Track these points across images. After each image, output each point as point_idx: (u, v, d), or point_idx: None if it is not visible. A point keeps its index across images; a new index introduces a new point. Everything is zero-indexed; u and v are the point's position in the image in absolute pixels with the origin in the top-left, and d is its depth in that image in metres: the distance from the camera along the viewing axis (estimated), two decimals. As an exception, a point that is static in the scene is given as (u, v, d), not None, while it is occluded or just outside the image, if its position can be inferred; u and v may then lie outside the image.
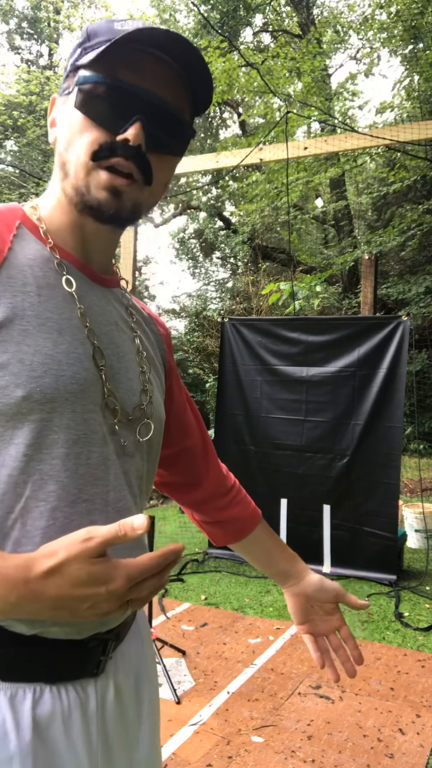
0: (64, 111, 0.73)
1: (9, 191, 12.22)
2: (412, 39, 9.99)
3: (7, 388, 0.65)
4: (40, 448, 0.67)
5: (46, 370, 0.67)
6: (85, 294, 0.75)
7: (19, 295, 0.68)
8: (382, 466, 4.20)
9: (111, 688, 0.77)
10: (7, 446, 0.66)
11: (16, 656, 0.68)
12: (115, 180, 0.69)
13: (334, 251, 12.96)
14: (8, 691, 0.67)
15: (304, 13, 12.35)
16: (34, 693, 0.68)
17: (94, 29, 0.71)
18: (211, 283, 15.61)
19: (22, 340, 0.67)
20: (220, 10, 11.53)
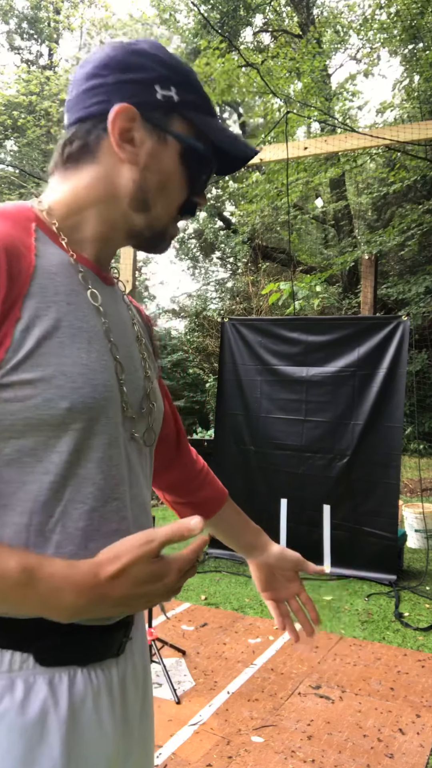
0: (158, 149, 0.76)
1: (9, 191, 12.22)
2: (411, 39, 9.99)
3: (52, 401, 0.67)
4: (79, 454, 0.71)
5: (85, 380, 0.70)
6: (104, 303, 0.78)
7: (53, 305, 0.69)
8: (382, 466, 4.20)
9: (129, 667, 0.82)
10: (50, 454, 0.69)
11: (55, 644, 0.72)
12: (177, 231, 0.81)
13: (334, 251, 12.96)
14: (47, 675, 0.71)
15: (304, 13, 12.35)
16: (69, 676, 0.73)
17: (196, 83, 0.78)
18: (210, 283, 15.61)
19: (61, 351, 0.68)
20: (220, 10, 11.53)
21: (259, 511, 4.51)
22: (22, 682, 0.70)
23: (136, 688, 0.84)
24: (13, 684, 0.69)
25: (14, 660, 0.70)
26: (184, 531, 0.66)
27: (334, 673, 2.90)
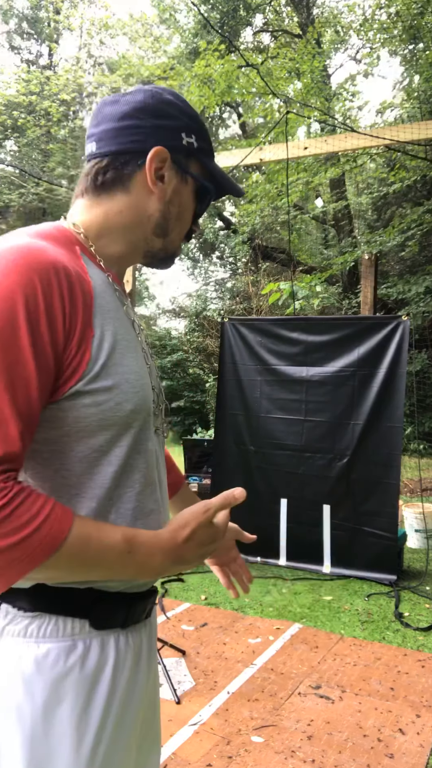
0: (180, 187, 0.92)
1: (9, 191, 12.21)
2: (411, 39, 9.99)
3: (120, 404, 0.81)
4: (136, 449, 0.86)
5: (140, 385, 0.85)
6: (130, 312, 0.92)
7: (110, 321, 0.82)
8: (382, 466, 4.20)
9: (150, 629, 0.97)
10: (113, 448, 0.83)
11: (106, 609, 0.86)
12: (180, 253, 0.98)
13: (334, 251, 12.95)
14: (99, 638, 0.85)
15: (304, 13, 12.35)
16: (115, 638, 0.87)
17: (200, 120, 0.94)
18: (210, 283, 15.61)
19: (122, 361, 0.82)
20: (220, 10, 11.52)
21: (259, 511, 4.51)
22: (82, 643, 0.83)
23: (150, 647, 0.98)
24: (75, 645, 0.83)
25: (75, 626, 0.83)
26: (231, 499, 0.82)
27: (334, 673, 2.90)
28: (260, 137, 9.38)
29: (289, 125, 5.65)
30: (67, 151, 13.56)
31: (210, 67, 9.56)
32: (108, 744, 0.84)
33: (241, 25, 12.30)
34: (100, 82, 14.51)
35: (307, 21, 12.12)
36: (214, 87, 9.73)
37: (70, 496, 0.81)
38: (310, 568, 4.40)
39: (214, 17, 11.40)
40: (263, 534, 4.56)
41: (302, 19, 12.37)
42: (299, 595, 3.97)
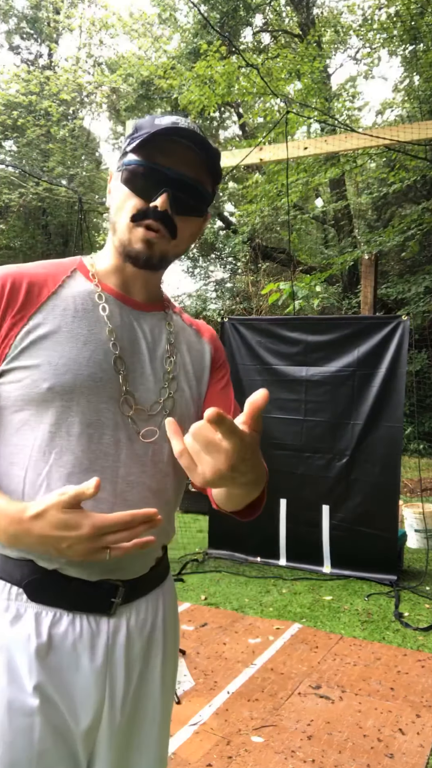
0: (116, 184, 0.97)
1: (9, 191, 12.21)
2: (412, 40, 9.98)
3: (37, 382, 0.89)
4: (60, 427, 0.91)
5: (67, 369, 0.90)
6: (119, 316, 0.98)
7: (58, 317, 0.93)
8: (382, 466, 4.20)
9: (123, 630, 0.97)
10: (38, 425, 0.91)
11: (42, 584, 0.91)
12: (148, 234, 0.93)
13: (334, 251, 12.95)
14: (35, 609, 0.91)
15: (304, 13, 12.34)
16: (54, 615, 0.91)
17: (141, 124, 0.95)
18: (210, 283, 15.60)
19: (53, 348, 0.91)
20: (220, 10, 11.52)
21: (259, 511, 4.51)
22: (15, 608, 0.91)
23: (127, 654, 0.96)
24: (8, 607, 0.91)
25: (12, 590, 0.92)
26: (85, 490, 0.80)
27: (334, 673, 2.90)
28: (260, 137, 9.37)
29: (289, 126, 5.66)
30: (67, 151, 13.55)
31: (211, 68, 9.56)
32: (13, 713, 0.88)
33: (241, 25, 12.29)
34: (100, 82, 14.51)
35: (307, 21, 12.12)
36: (215, 88, 9.73)
37: (9, 464, 0.92)
38: (310, 568, 4.40)
39: (214, 17, 11.39)
40: (263, 534, 4.59)
41: (302, 19, 12.36)
42: (299, 595, 3.96)
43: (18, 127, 12.95)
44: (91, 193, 13.59)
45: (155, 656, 1.02)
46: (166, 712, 1.06)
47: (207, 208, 1.02)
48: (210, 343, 1.16)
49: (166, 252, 0.97)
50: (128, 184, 0.94)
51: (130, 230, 0.94)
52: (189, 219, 0.98)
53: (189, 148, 0.93)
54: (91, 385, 0.92)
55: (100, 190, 14.15)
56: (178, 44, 13.19)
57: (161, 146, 0.92)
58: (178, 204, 0.94)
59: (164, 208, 0.92)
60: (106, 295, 0.99)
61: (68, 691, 0.91)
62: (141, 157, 0.93)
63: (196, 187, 0.95)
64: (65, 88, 13.10)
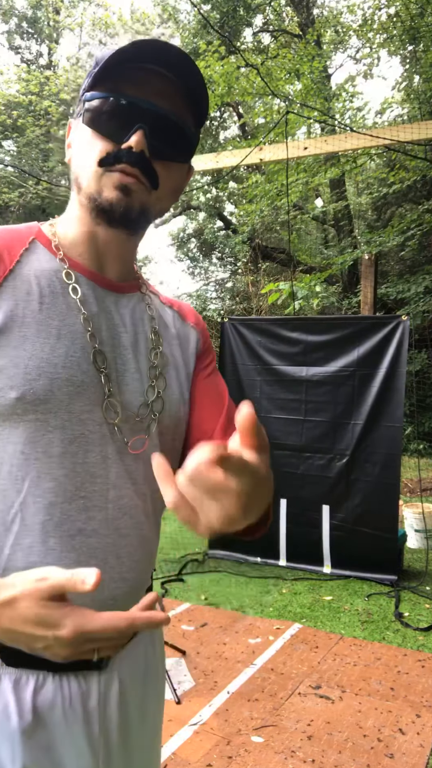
0: (76, 132, 0.79)
1: (8, 190, 12.22)
2: (411, 40, 9.98)
3: (2, 390, 0.69)
4: (35, 447, 0.71)
5: (40, 373, 0.71)
6: (93, 300, 0.79)
7: (21, 303, 0.73)
8: (382, 466, 4.20)
9: (115, 684, 0.79)
10: (5, 444, 0.71)
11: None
12: (124, 178, 0.73)
13: (334, 251, 12.95)
14: (13, 675, 0.72)
15: (303, 13, 12.34)
16: (37, 680, 0.73)
17: (101, 55, 0.74)
18: (210, 283, 15.61)
19: (20, 344, 0.71)
20: (220, 10, 11.52)
21: (259, 511, 4.51)
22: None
23: (124, 708, 0.80)
24: None
25: None
26: (77, 582, 0.59)
27: (334, 673, 2.90)
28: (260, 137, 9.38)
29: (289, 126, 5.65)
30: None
31: (209, 69, 9.55)
32: None
33: (241, 25, 12.29)
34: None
35: (308, 21, 12.12)
36: (214, 88, 9.73)
37: None
38: (310, 568, 4.40)
39: (213, 17, 11.39)
40: (263, 534, 4.57)
41: (302, 19, 12.36)
42: (299, 595, 3.96)
43: (18, 126, 12.96)
44: (90, 192, 13.58)
45: (149, 701, 0.88)
46: (157, 751, 0.93)
47: (191, 154, 0.81)
48: (195, 327, 0.96)
49: (146, 204, 0.76)
50: (92, 125, 0.75)
51: (98, 178, 0.74)
52: (170, 165, 0.78)
53: (164, 75, 0.73)
54: (70, 390, 0.73)
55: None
56: (178, 45, 13.19)
57: (129, 75, 0.73)
58: (156, 145, 0.74)
59: (140, 148, 0.72)
60: (75, 273, 0.78)
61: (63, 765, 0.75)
62: (104, 90, 0.74)
63: (176, 123, 0.75)
64: (65, 88, 13.11)
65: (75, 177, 0.78)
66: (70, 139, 0.81)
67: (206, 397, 0.92)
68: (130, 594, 0.79)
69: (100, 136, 0.74)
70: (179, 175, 0.81)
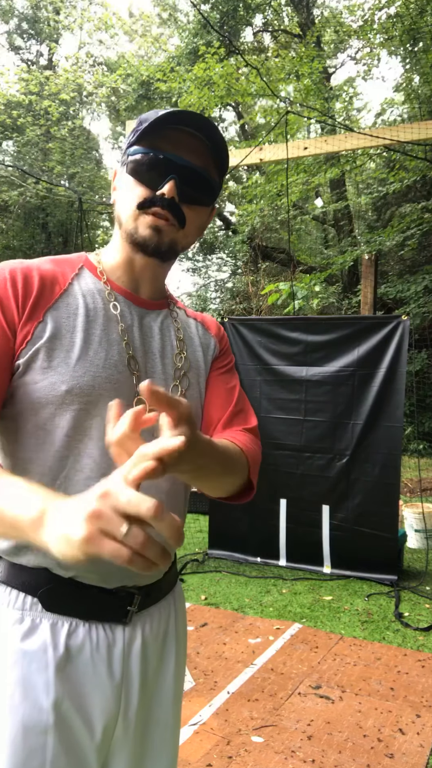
0: (120, 178, 0.96)
1: (8, 190, 12.21)
2: (411, 40, 9.98)
3: (55, 384, 0.87)
4: (78, 431, 0.88)
5: (85, 371, 0.89)
6: (129, 315, 0.97)
7: (72, 316, 0.91)
8: (382, 466, 4.19)
9: (138, 639, 0.95)
10: (55, 428, 0.88)
11: (58, 593, 0.88)
12: (157, 221, 0.91)
13: (333, 251, 12.95)
14: (51, 619, 0.88)
15: (303, 13, 12.34)
16: (71, 625, 0.88)
17: (145, 117, 0.92)
18: (210, 283, 15.60)
19: (70, 349, 0.89)
20: (220, 10, 11.51)
21: (258, 512, 4.51)
22: (30, 619, 0.88)
23: (145, 662, 0.95)
24: (22, 619, 0.88)
25: (26, 600, 0.88)
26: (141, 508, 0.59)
27: (334, 673, 2.90)
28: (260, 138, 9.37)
29: (289, 126, 5.66)
30: (67, 151, 13.55)
31: (209, 70, 9.55)
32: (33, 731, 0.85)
33: (241, 25, 12.28)
34: (100, 82, 14.51)
35: (307, 21, 12.12)
36: (214, 89, 9.72)
37: (23, 471, 0.88)
38: (310, 568, 4.40)
39: (213, 17, 11.39)
40: (263, 534, 4.59)
41: (302, 19, 12.36)
42: (299, 595, 3.96)
43: (18, 126, 12.96)
44: (90, 192, 13.59)
45: (168, 663, 1.01)
46: (177, 716, 1.05)
47: (214, 199, 0.98)
48: (216, 337, 1.13)
49: (174, 240, 0.94)
50: (133, 174, 0.92)
51: (136, 218, 0.92)
52: (196, 209, 0.95)
53: (194, 135, 0.91)
54: (109, 387, 0.90)
55: (99, 190, 14.15)
56: (177, 46, 13.19)
57: (166, 135, 0.91)
58: (185, 192, 0.91)
59: (171, 195, 0.89)
60: (116, 293, 0.97)
61: (85, 705, 0.89)
62: (145, 146, 0.91)
63: (202, 175, 0.92)
64: (65, 88, 13.10)
65: (117, 215, 0.96)
66: (115, 183, 0.99)
67: (216, 390, 1.07)
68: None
69: (139, 184, 0.92)
70: (204, 216, 0.98)
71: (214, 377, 1.08)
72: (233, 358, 1.15)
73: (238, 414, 1.06)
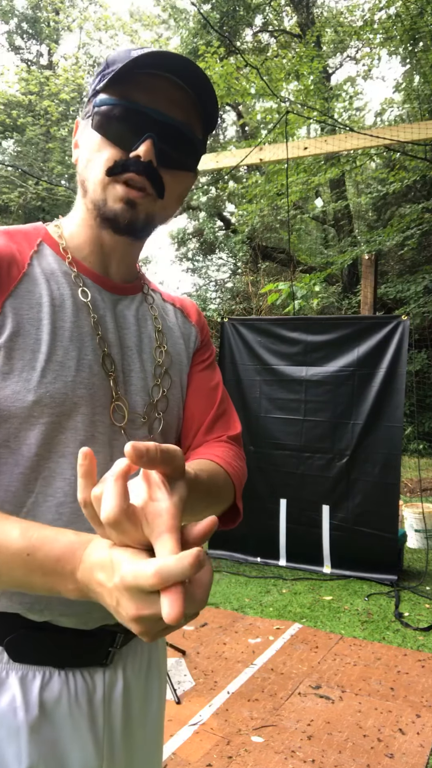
0: (84, 133, 0.78)
1: (8, 190, 12.22)
2: (411, 40, 9.98)
3: (19, 393, 0.70)
4: (49, 448, 0.72)
5: (56, 376, 0.72)
6: (100, 303, 0.81)
7: (35, 307, 0.74)
8: (382, 466, 4.19)
9: (120, 681, 0.82)
10: (20, 446, 0.72)
11: (28, 640, 0.74)
12: (130, 192, 0.74)
13: (333, 251, 12.96)
14: (20, 671, 0.74)
15: (303, 13, 12.34)
16: (44, 676, 0.75)
17: (113, 57, 0.75)
18: (210, 283, 15.61)
19: (36, 348, 0.72)
20: (220, 10, 11.52)
21: (258, 512, 4.51)
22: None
23: (128, 704, 0.82)
24: None
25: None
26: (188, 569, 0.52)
27: (334, 673, 2.90)
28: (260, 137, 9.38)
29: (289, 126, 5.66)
30: (66, 150, 13.56)
31: (208, 70, 9.55)
32: None
33: (241, 25, 12.29)
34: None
35: (307, 21, 12.12)
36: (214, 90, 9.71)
37: None
38: (310, 568, 4.40)
39: (213, 17, 11.39)
40: (263, 534, 4.59)
41: (302, 19, 12.36)
42: (299, 595, 3.96)
43: (18, 126, 12.96)
44: (90, 192, 13.60)
45: (153, 696, 0.89)
46: (160, 741, 0.94)
47: (198, 161, 0.81)
48: (197, 325, 0.97)
49: (152, 213, 0.77)
50: (100, 130, 0.74)
51: (105, 187, 0.74)
52: (177, 174, 0.78)
53: (175, 84, 0.73)
54: (83, 393, 0.74)
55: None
56: (177, 45, 13.19)
57: (141, 82, 0.73)
58: (165, 154, 0.74)
59: (148, 159, 0.72)
60: (83, 276, 0.80)
61: (69, 759, 0.76)
62: (116, 95, 0.73)
63: (185, 133, 0.75)
64: (65, 89, 13.11)
65: (82, 180, 0.78)
66: (77, 137, 0.81)
67: (198, 391, 0.92)
68: None
69: (108, 143, 0.74)
70: (185, 182, 0.81)
71: (195, 373, 0.93)
72: (214, 350, 1.00)
73: (221, 417, 0.92)
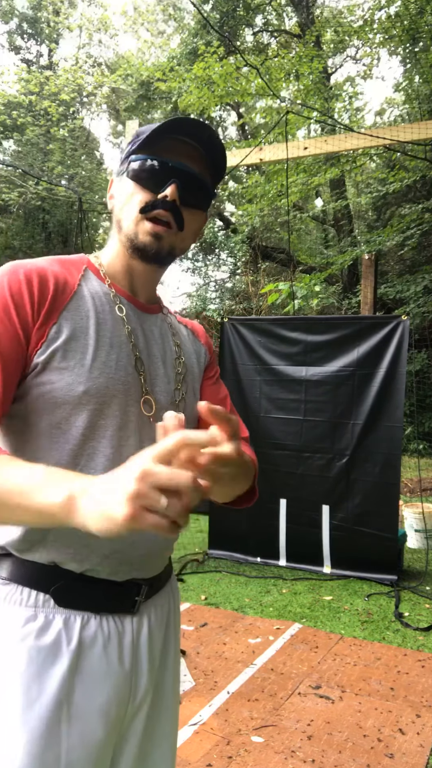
0: (119, 185, 1.01)
1: (8, 190, 12.21)
2: (411, 40, 9.98)
3: (72, 385, 0.90)
4: (93, 430, 0.92)
5: (100, 372, 0.92)
6: (132, 318, 1.01)
7: (84, 318, 0.94)
8: (382, 466, 4.19)
9: (145, 628, 1.00)
10: (70, 428, 0.91)
11: (70, 589, 0.92)
12: (156, 227, 0.95)
13: (333, 251, 12.95)
14: (63, 614, 0.91)
15: (303, 13, 12.34)
16: (83, 619, 0.92)
17: (142, 130, 0.98)
18: (210, 283, 15.61)
19: (85, 351, 0.92)
20: (220, 10, 11.52)
21: (258, 512, 4.51)
22: (43, 615, 0.90)
23: (151, 650, 1.00)
24: (35, 616, 0.90)
25: (38, 598, 0.91)
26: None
27: (334, 673, 2.90)
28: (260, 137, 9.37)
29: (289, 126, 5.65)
30: (67, 151, 13.56)
31: (209, 70, 9.55)
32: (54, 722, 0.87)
33: (241, 25, 12.28)
34: (100, 83, 14.51)
35: (307, 21, 12.12)
36: (214, 89, 9.72)
37: None
38: (310, 568, 4.40)
39: (213, 17, 11.39)
40: (263, 534, 4.59)
41: (302, 19, 12.36)
42: (299, 595, 3.96)
43: (18, 126, 12.96)
44: (90, 192, 13.58)
45: (170, 649, 1.06)
46: (176, 703, 1.11)
47: (209, 204, 1.03)
48: (205, 345, 1.18)
49: (173, 245, 0.97)
50: (135, 179, 0.96)
51: (137, 223, 0.95)
52: (194, 212, 0.99)
53: (190, 145, 0.95)
54: (121, 388, 0.94)
55: (99, 190, 14.15)
56: (177, 45, 13.19)
57: (165, 144, 0.95)
58: (185, 196, 0.95)
59: (173, 198, 0.93)
60: (119, 296, 1.01)
61: (98, 697, 0.92)
62: (146, 153, 0.95)
63: (201, 181, 0.97)
64: (65, 89, 13.10)
65: (117, 220, 0.99)
66: (111, 191, 1.03)
67: (210, 399, 1.10)
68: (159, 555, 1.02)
69: (141, 188, 0.95)
70: (200, 220, 1.02)
71: (206, 387, 1.14)
72: (218, 369, 1.21)
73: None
